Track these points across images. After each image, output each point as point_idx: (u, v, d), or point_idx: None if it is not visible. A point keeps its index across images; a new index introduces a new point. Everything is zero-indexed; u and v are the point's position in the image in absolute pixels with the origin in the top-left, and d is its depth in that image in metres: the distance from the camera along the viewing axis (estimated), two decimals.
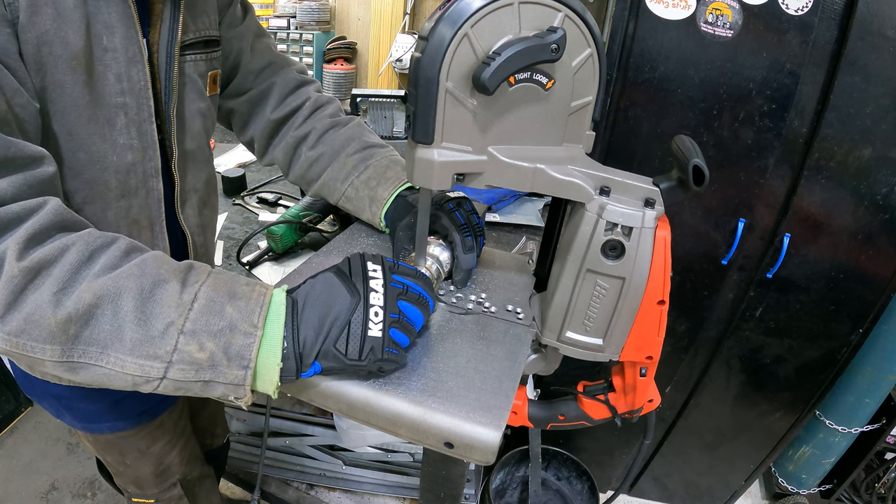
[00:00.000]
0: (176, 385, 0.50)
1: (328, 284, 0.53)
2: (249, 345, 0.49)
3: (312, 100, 0.89)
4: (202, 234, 0.85)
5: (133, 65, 0.61)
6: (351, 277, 0.53)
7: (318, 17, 2.28)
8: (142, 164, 0.66)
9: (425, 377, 0.59)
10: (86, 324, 0.47)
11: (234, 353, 0.49)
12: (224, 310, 0.50)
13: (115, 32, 0.59)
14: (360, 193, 0.81)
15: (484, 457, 0.54)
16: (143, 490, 1.03)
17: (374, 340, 0.51)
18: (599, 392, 0.73)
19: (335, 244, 0.87)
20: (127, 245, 0.52)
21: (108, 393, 0.83)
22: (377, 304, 0.52)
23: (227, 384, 0.50)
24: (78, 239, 0.50)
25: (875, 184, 1.10)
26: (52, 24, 0.53)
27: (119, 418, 0.88)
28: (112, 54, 0.59)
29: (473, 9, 0.52)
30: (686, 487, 1.77)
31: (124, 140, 0.63)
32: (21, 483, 1.77)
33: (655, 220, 0.57)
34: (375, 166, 0.81)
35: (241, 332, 0.49)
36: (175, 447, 1.02)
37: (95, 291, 0.47)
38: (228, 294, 0.51)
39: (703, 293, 1.31)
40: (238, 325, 0.49)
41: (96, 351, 0.48)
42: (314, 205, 1.40)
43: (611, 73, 1.09)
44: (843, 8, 0.97)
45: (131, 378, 0.49)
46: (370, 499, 1.73)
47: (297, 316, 0.51)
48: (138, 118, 0.64)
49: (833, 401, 1.56)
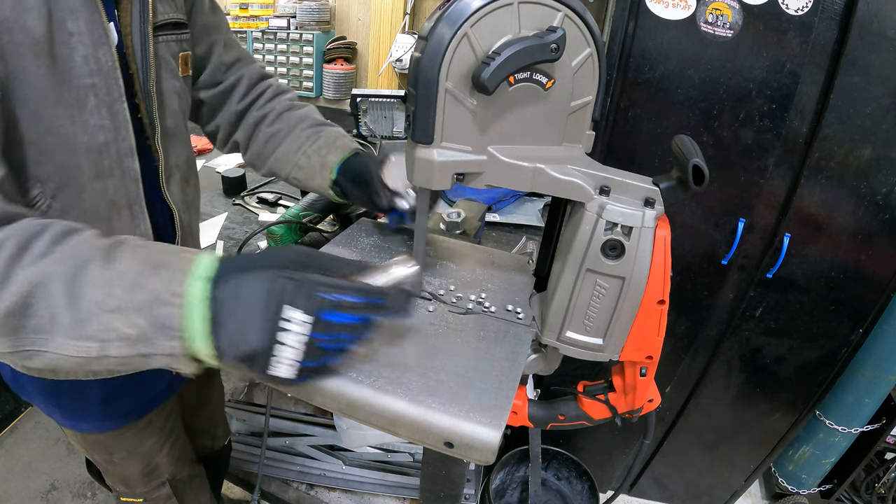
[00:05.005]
0: (119, 361, 0.50)
1: (247, 305, 0.48)
2: (172, 314, 0.48)
3: (273, 87, 0.97)
4: (187, 211, 0.87)
5: (99, 46, 0.63)
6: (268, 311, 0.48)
7: (318, 17, 2.28)
8: (115, 144, 0.67)
9: (425, 377, 0.59)
10: (24, 314, 0.47)
11: (161, 325, 0.48)
12: (148, 282, 0.48)
13: (79, 16, 0.60)
14: (311, 161, 0.87)
15: (484, 456, 0.54)
16: (131, 489, 1.03)
17: (277, 378, 0.49)
18: (599, 392, 0.73)
19: (335, 244, 0.87)
20: (60, 230, 0.51)
21: (93, 390, 0.83)
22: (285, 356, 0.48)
23: (165, 356, 0.49)
24: (11, 232, 0.50)
25: (875, 184, 1.10)
26: (12, 12, 0.54)
27: (106, 418, 0.88)
28: (78, 37, 0.60)
29: (473, 9, 0.52)
30: (686, 487, 1.77)
31: (95, 120, 0.64)
32: (21, 483, 1.77)
33: (655, 219, 0.57)
34: (326, 137, 0.88)
35: (164, 303, 0.48)
36: (164, 447, 1.02)
37: (27, 281, 0.47)
38: (153, 265, 0.50)
39: (703, 293, 1.31)
40: (161, 295, 0.48)
41: (41, 338, 0.48)
42: (314, 205, 1.40)
43: (611, 73, 1.09)
44: (843, 8, 0.97)
45: (77, 359, 0.49)
46: (370, 499, 1.73)
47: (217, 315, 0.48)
48: (108, 98, 0.65)
49: (833, 401, 1.56)
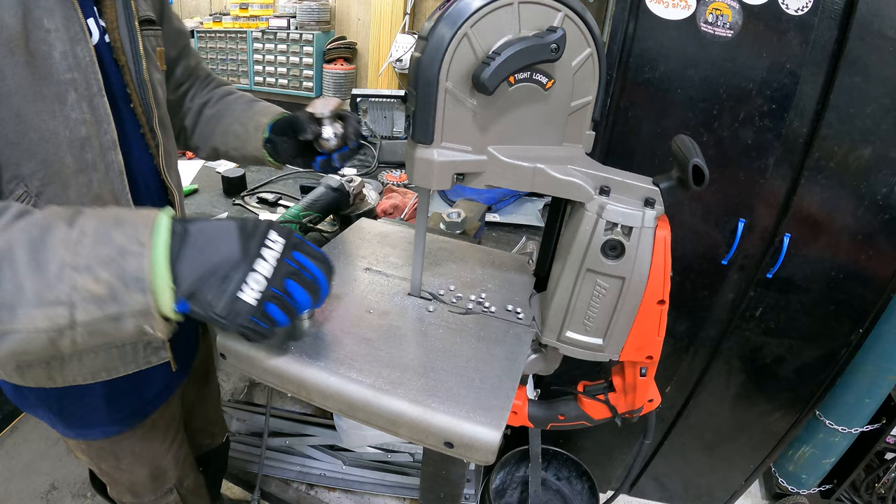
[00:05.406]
0: (89, 330, 0.49)
1: (224, 231, 0.53)
2: (142, 265, 0.49)
3: (216, 80, 1.09)
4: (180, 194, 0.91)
5: (76, 43, 0.64)
6: (249, 238, 0.53)
7: (318, 17, 2.28)
8: (97, 138, 0.68)
9: (425, 377, 0.59)
10: None
11: (130, 277, 0.49)
12: (112, 237, 0.49)
13: (55, 14, 0.61)
14: (246, 127, 0.95)
15: (484, 456, 0.54)
16: (139, 498, 1.04)
17: (244, 305, 0.51)
18: (599, 392, 0.73)
19: (335, 244, 0.87)
20: (20, 208, 0.52)
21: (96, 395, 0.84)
22: (262, 272, 0.51)
23: (135, 314, 0.50)
24: None
25: (875, 184, 1.10)
26: None
27: (111, 422, 0.89)
28: (55, 34, 0.62)
29: (473, 9, 0.52)
30: (686, 487, 1.77)
31: (77, 115, 0.65)
32: (21, 483, 1.77)
33: (655, 219, 0.57)
34: (260, 106, 0.98)
35: (131, 254, 0.49)
36: (170, 450, 1.02)
37: None
38: (115, 222, 0.51)
39: (703, 293, 1.31)
40: (127, 247, 0.49)
41: (8, 315, 0.47)
42: (314, 205, 1.40)
43: (611, 73, 1.09)
44: (843, 8, 0.97)
45: (45, 335, 0.48)
46: (370, 499, 1.73)
47: (183, 245, 0.51)
48: (88, 93, 0.66)
49: (833, 401, 1.56)
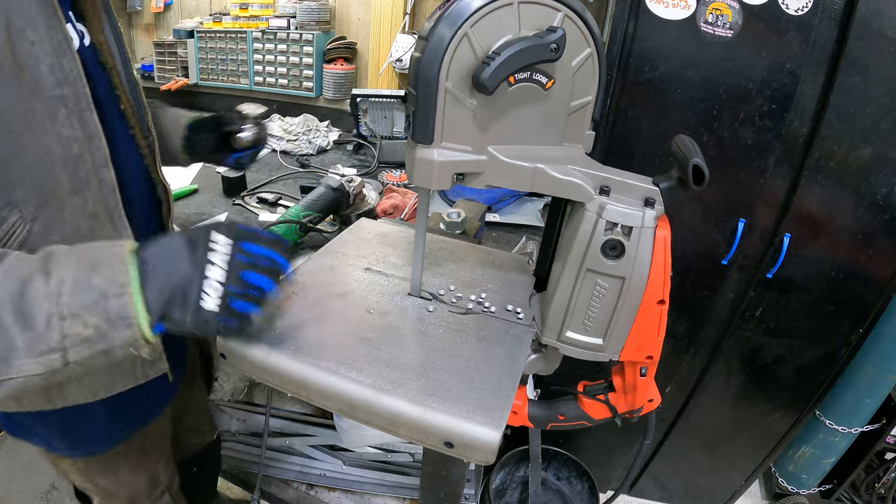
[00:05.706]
0: (82, 365, 0.53)
1: (174, 250, 0.56)
2: (125, 304, 0.52)
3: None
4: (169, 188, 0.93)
5: (62, 55, 0.62)
6: (194, 248, 0.56)
7: (318, 17, 2.27)
8: (90, 154, 0.67)
9: (425, 377, 0.59)
10: None
11: (116, 316, 0.52)
12: (91, 282, 0.52)
13: (38, 25, 0.60)
14: (168, 128, 0.98)
15: (484, 456, 0.54)
16: None
17: (208, 313, 0.54)
18: (599, 392, 0.73)
19: (335, 244, 0.87)
20: None
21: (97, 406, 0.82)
22: (214, 277, 0.55)
23: (123, 346, 0.54)
24: None
25: (875, 184, 1.10)
26: None
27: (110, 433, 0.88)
28: (40, 46, 0.60)
29: (473, 9, 0.52)
30: (686, 487, 1.77)
31: (68, 132, 0.64)
32: (21, 483, 1.77)
33: (655, 219, 0.57)
34: (179, 110, 1.03)
35: (113, 296, 0.52)
36: (163, 454, 1.04)
37: None
38: (90, 266, 0.53)
39: (703, 293, 1.31)
40: (108, 290, 0.52)
41: (3, 367, 0.50)
42: (314, 205, 1.40)
43: (611, 73, 1.09)
44: (843, 8, 0.97)
45: (40, 378, 0.51)
46: (370, 499, 1.72)
47: (144, 274, 0.54)
48: (78, 108, 0.65)
49: (833, 401, 1.56)
